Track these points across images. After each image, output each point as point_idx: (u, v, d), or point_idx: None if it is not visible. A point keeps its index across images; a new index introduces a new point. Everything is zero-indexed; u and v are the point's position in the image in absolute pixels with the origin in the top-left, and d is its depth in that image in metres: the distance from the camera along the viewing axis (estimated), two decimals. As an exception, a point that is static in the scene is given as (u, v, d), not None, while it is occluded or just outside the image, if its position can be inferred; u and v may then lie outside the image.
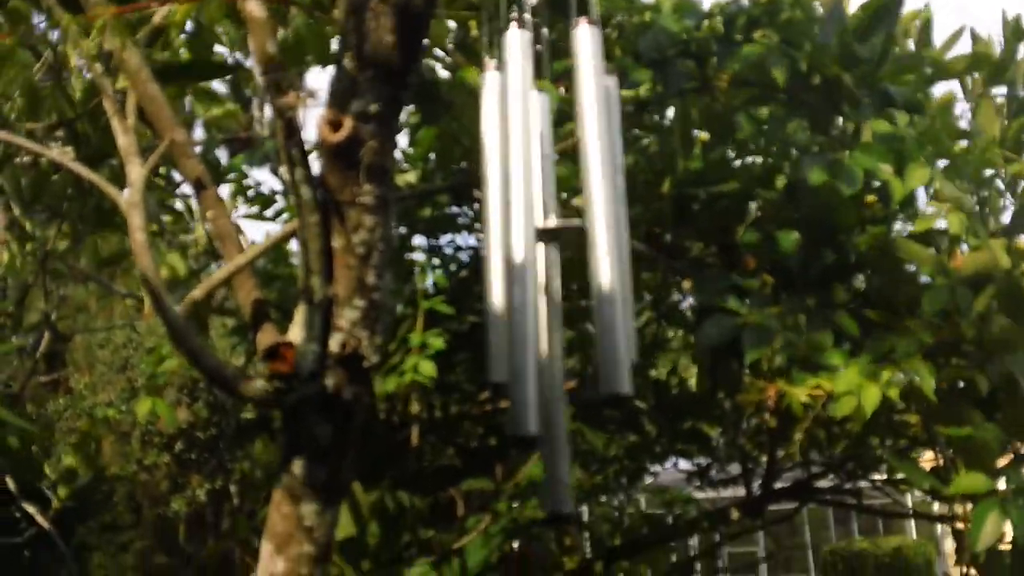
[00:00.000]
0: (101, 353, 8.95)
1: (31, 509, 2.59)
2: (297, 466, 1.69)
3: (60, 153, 2.05)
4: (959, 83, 2.86)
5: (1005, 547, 2.17)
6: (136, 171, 1.69)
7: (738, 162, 2.43)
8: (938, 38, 2.86)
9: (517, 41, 1.62)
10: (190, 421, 7.36)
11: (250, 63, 3.79)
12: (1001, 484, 2.01)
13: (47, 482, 2.78)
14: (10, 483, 2.77)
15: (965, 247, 2.18)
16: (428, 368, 2.32)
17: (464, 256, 3.04)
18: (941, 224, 2.19)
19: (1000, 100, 2.90)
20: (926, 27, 2.72)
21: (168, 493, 8.12)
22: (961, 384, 2.15)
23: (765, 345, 1.93)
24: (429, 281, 2.77)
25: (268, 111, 3.73)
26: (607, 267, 1.45)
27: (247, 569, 2.44)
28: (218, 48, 2.59)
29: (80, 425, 2.59)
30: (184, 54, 2.29)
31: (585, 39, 1.59)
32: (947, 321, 2.07)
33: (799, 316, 2.05)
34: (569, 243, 1.62)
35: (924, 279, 2.20)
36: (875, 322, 2.12)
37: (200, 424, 7.26)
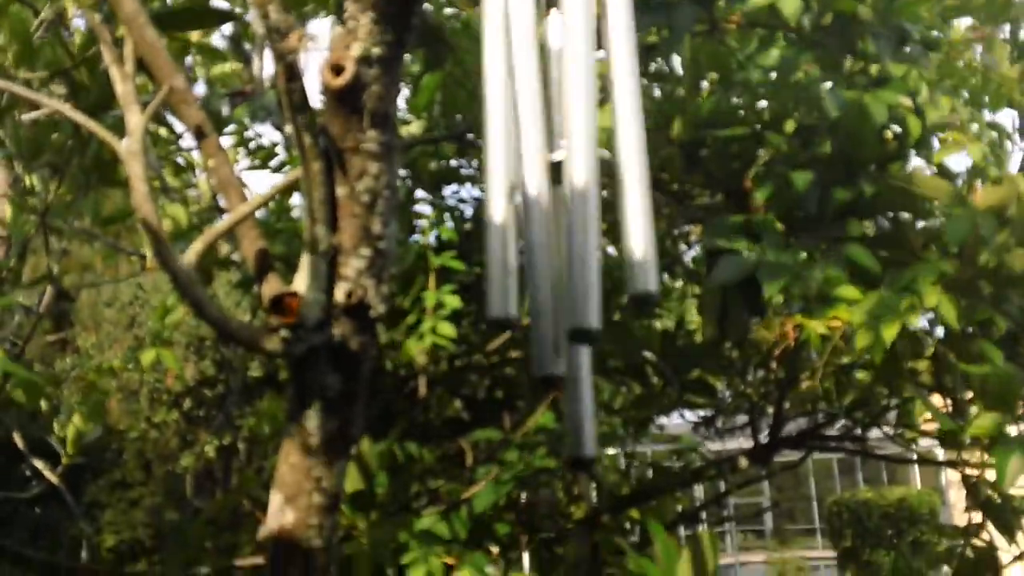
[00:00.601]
0: (107, 311, 8.96)
1: (40, 465, 2.59)
2: (306, 417, 1.68)
3: (59, 103, 2.02)
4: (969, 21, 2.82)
5: (1016, 491, 2.18)
6: (135, 119, 1.66)
7: (748, 107, 2.39)
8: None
9: None
10: (197, 378, 7.41)
11: (250, 15, 3.74)
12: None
13: (56, 439, 2.78)
14: (18, 439, 2.77)
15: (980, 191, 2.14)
16: (447, 329, 2.30)
17: (469, 209, 3.02)
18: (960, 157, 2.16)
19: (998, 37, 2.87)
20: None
21: (177, 450, 8.18)
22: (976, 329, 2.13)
23: (782, 279, 1.91)
24: (434, 236, 2.75)
25: (269, 63, 3.69)
26: (635, 197, 1.41)
27: (256, 522, 2.45)
28: (216, -3, 2.55)
29: (87, 376, 2.58)
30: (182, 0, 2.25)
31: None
32: (967, 253, 2.04)
33: (814, 252, 2.03)
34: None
35: (941, 220, 2.17)
36: (892, 260, 2.09)
37: (208, 381, 7.30)
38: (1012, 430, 1.99)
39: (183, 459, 7.68)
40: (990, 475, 2.19)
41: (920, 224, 2.33)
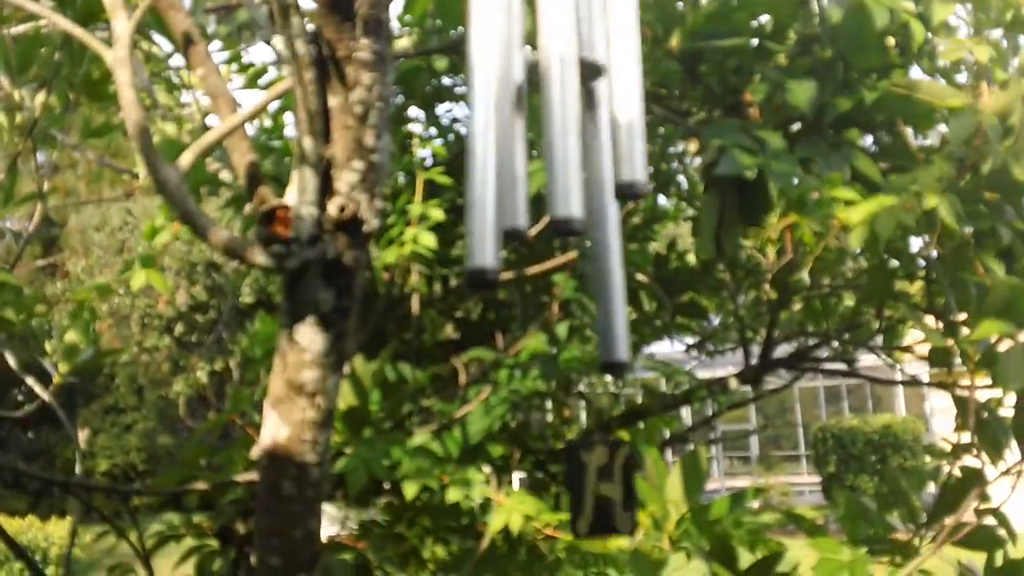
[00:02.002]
0: (97, 236, 8.91)
1: (31, 382, 2.59)
2: (299, 332, 1.68)
3: (47, 9, 1.96)
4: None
5: (1008, 413, 2.20)
6: (122, 25, 1.62)
7: (749, 19, 2.34)
8: None
9: None
10: (189, 303, 7.42)
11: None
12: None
13: (48, 360, 2.77)
14: (10, 359, 2.76)
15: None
16: (428, 239, 2.29)
17: (463, 128, 2.98)
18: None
19: None
20: None
21: (169, 375, 8.22)
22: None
23: (788, 177, 1.89)
24: (427, 152, 2.72)
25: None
26: (629, 95, 1.38)
27: (249, 440, 2.47)
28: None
29: (76, 295, 2.56)
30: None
31: None
32: (970, 159, 2.02)
33: (814, 158, 2.01)
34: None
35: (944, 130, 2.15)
36: (894, 169, 2.08)
37: (200, 306, 7.31)
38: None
39: (175, 384, 7.73)
40: (980, 395, 2.20)
41: (921, 141, 2.31)
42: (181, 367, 7.67)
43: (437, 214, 2.37)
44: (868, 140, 2.33)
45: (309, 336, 1.68)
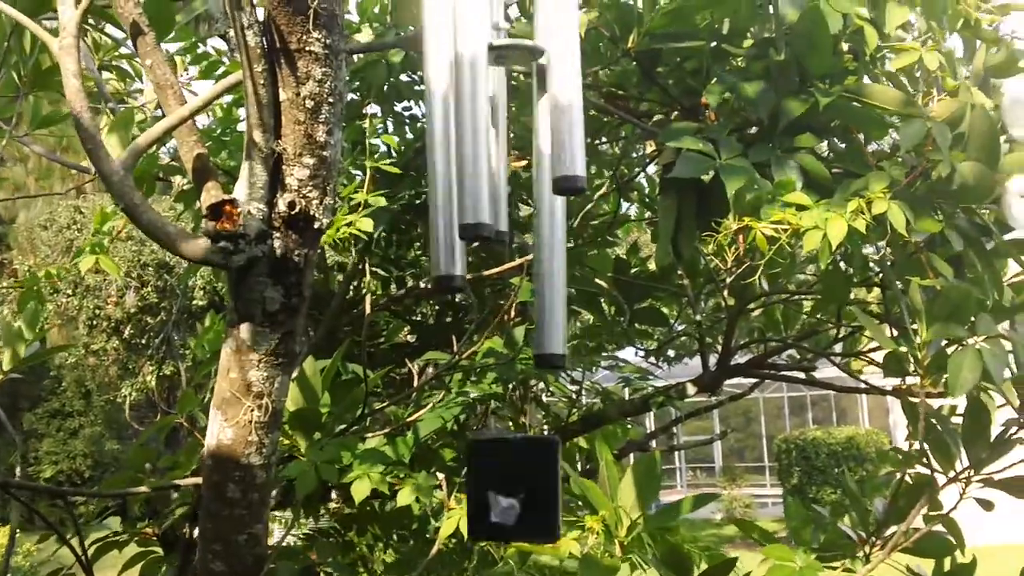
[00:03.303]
0: (44, 234, 8.71)
1: (-31, 381, 2.50)
2: (245, 330, 1.63)
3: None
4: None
5: (956, 420, 2.22)
6: (69, 12, 1.57)
7: (706, 19, 2.35)
8: None
9: None
10: (139, 305, 7.26)
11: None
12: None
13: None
14: (-52, 358, 2.66)
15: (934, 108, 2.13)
16: (366, 224, 2.26)
17: (421, 122, 2.95)
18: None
19: None
20: None
21: (117, 379, 8.04)
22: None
23: (743, 178, 1.89)
24: (379, 143, 2.69)
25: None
26: (566, 86, 1.35)
27: (196, 446, 2.41)
28: None
29: (25, 281, 2.49)
30: None
31: None
32: (921, 166, 2.04)
33: (767, 162, 2.01)
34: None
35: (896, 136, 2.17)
36: (846, 174, 2.09)
37: (149, 308, 7.17)
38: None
39: (123, 388, 7.56)
40: (932, 403, 2.22)
41: (873, 146, 2.33)
42: (130, 370, 7.51)
43: (380, 201, 2.34)
44: (823, 145, 2.35)
45: (256, 335, 1.63)
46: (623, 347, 3.50)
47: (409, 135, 3.01)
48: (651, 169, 3.07)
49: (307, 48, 1.54)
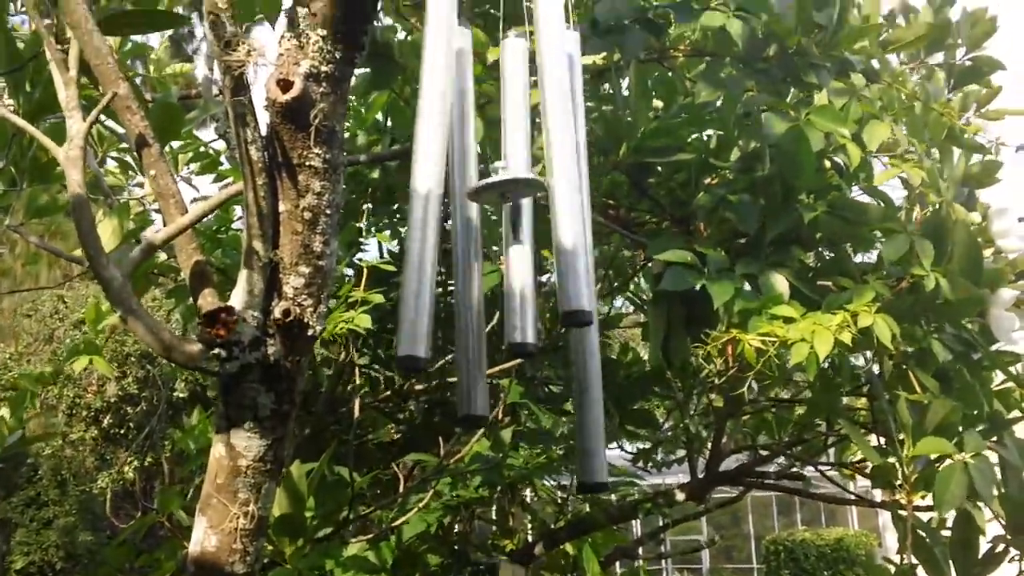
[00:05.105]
0: (27, 322, 8.67)
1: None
2: (234, 436, 1.62)
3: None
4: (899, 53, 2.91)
5: (945, 532, 2.20)
6: (77, 125, 1.61)
7: (694, 134, 2.42)
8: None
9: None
10: (119, 394, 7.18)
11: (200, 24, 3.67)
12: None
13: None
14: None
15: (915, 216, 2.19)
16: (364, 320, 2.28)
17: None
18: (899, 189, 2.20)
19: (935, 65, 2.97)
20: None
21: (95, 469, 7.90)
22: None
23: (730, 291, 1.93)
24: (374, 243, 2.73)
25: (216, 69, 3.61)
26: (568, 220, 1.41)
27: (176, 545, 2.37)
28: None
29: (18, 381, 2.49)
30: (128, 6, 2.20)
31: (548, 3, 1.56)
32: (907, 281, 2.08)
33: (757, 273, 2.05)
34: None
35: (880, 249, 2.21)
36: (833, 288, 2.12)
37: (130, 398, 7.09)
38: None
39: (100, 479, 7.41)
40: (921, 516, 2.21)
41: (859, 258, 2.37)
42: (107, 461, 7.40)
43: (376, 297, 2.37)
44: (811, 255, 2.39)
45: (245, 441, 1.62)
46: (608, 445, 3.48)
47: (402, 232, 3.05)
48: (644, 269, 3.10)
49: (307, 163, 1.58)
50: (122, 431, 7.17)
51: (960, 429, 1.96)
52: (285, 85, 1.55)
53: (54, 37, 1.83)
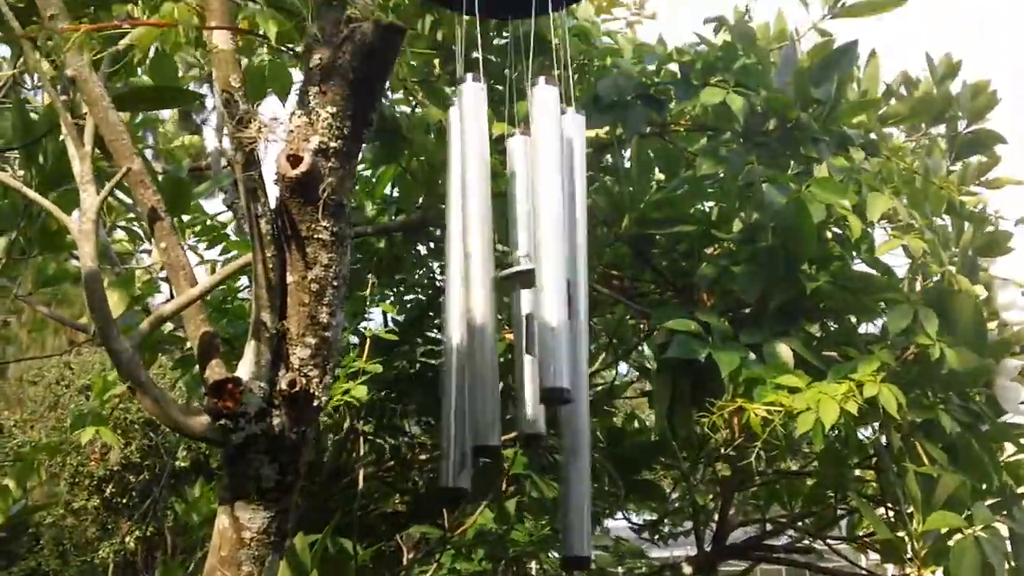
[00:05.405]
0: (32, 389, 8.64)
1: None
2: (239, 508, 1.62)
3: (11, 177, 1.99)
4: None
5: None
6: (91, 199, 1.64)
7: (696, 206, 2.46)
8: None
9: (471, 90, 1.61)
10: (122, 463, 7.13)
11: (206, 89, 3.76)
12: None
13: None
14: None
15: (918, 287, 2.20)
16: (360, 391, 2.29)
17: (417, 295, 3.02)
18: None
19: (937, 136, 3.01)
20: (872, 74, 2.79)
21: (96, 539, 7.80)
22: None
23: (736, 361, 1.94)
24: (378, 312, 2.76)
25: (226, 141, 3.69)
26: (551, 300, 1.45)
27: (178, 618, 2.34)
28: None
29: (28, 454, 2.51)
30: (144, 79, 2.25)
31: (544, 93, 1.61)
32: (912, 352, 2.09)
33: (759, 346, 2.07)
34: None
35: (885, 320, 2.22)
36: (839, 358, 2.13)
37: (132, 466, 7.04)
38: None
39: (102, 549, 7.32)
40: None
41: (863, 328, 2.38)
42: (108, 530, 7.32)
43: (375, 368, 2.38)
44: (815, 326, 2.40)
45: (249, 513, 1.62)
46: (614, 515, 3.44)
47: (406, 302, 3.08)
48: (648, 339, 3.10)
49: (316, 235, 1.61)
50: (124, 500, 7.09)
51: (969, 502, 1.94)
52: (295, 160, 1.59)
53: (70, 112, 1.88)
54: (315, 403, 1.65)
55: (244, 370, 1.60)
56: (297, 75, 2.27)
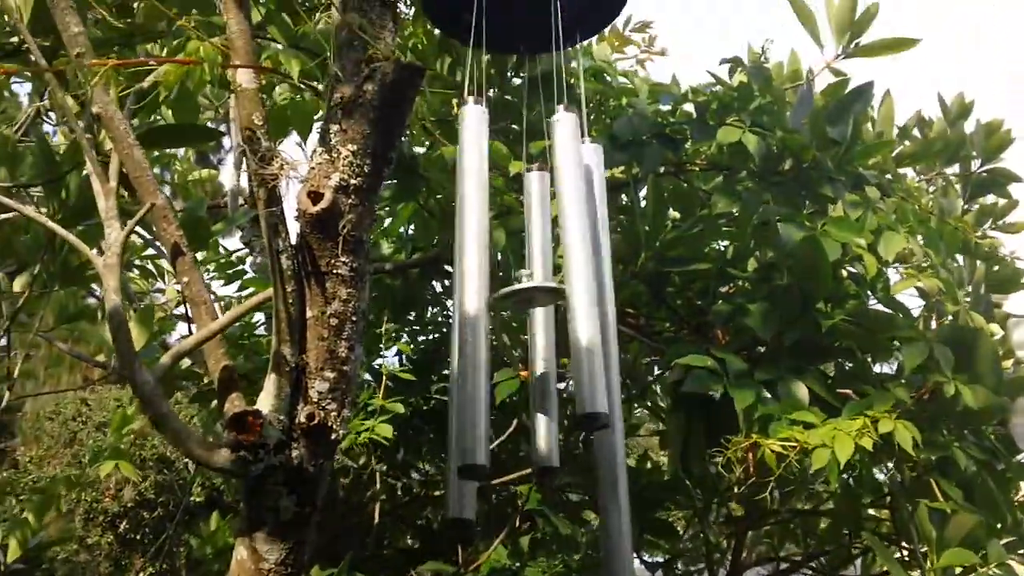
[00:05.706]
0: (49, 425, 8.67)
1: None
2: (257, 540, 1.63)
3: (35, 211, 2.03)
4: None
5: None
6: (115, 234, 1.68)
7: (711, 244, 2.47)
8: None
9: (473, 112, 1.64)
10: (136, 499, 7.14)
11: (224, 126, 3.83)
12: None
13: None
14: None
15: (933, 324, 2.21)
16: (385, 430, 2.30)
17: (432, 332, 3.04)
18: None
19: (951, 175, 3.03)
20: (887, 114, 2.82)
21: (110, 575, 7.79)
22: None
23: (751, 398, 1.94)
24: (394, 351, 2.77)
25: (243, 180, 3.75)
26: (584, 323, 1.44)
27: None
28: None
29: (47, 487, 2.53)
30: (167, 117, 2.30)
31: (565, 122, 1.64)
32: (927, 389, 2.09)
33: (776, 380, 2.07)
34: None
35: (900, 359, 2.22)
36: (854, 396, 2.13)
37: (146, 503, 7.05)
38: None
39: (117, 585, 7.31)
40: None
41: (878, 368, 2.38)
42: (122, 567, 7.30)
43: (396, 407, 2.39)
44: (830, 364, 2.40)
45: (267, 544, 1.63)
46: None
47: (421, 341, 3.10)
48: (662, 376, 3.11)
49: (335, 271, 1.64)
50: (138, 536, 7.08)
51: (984, 540, 1.93)
52: (316, 197, 1.63)
53: (95, 150, 1.92)
54: (333, 436, 1.67)
55: (264, 403, 1.62)
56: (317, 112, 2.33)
